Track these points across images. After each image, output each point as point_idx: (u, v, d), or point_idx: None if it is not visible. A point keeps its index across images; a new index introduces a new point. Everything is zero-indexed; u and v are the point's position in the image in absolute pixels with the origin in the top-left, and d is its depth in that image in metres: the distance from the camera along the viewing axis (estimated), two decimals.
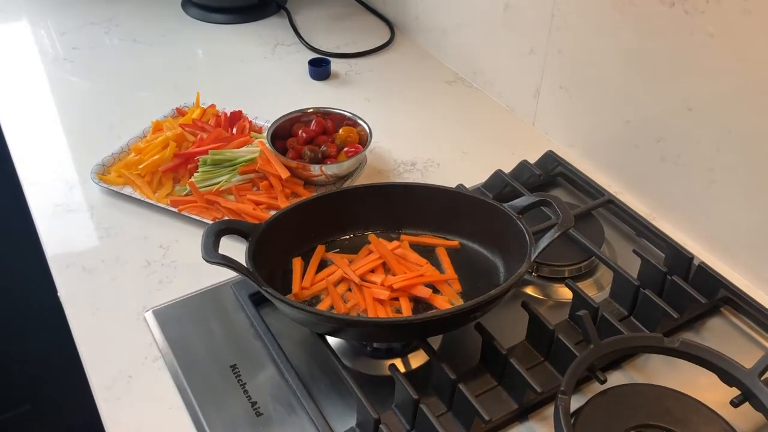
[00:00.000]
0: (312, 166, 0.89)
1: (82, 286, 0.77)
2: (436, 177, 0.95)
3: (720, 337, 0.72)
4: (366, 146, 0.93)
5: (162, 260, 0.81)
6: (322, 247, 0.73)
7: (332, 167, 0.90)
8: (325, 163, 0.91)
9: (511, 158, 0.94)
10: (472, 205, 0.74)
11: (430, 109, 1.11)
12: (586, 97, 0.94)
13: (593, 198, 0.88)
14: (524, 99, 1.05)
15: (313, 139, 0.95)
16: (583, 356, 0.62)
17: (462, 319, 0.64)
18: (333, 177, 0.92)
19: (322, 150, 0.92)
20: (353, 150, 0.93)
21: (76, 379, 0.69)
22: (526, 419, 0.65)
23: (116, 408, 0.65)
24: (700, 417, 0.61)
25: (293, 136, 0.96)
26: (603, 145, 0.94)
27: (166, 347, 0.70)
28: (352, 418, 0.63)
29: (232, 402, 0.65)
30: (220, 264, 0.62)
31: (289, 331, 0.71)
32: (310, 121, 0.96)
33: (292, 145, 0.94)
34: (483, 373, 0.67)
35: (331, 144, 0.93)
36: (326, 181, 0.92)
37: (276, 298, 0.61)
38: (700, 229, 0.83)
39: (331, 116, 0.98)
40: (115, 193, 0.89)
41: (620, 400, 0.62)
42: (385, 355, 0.69)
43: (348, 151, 0.93)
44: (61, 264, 0.80)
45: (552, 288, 0.78)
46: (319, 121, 0.96)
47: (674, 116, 0.81)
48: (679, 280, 0.72)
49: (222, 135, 0.95)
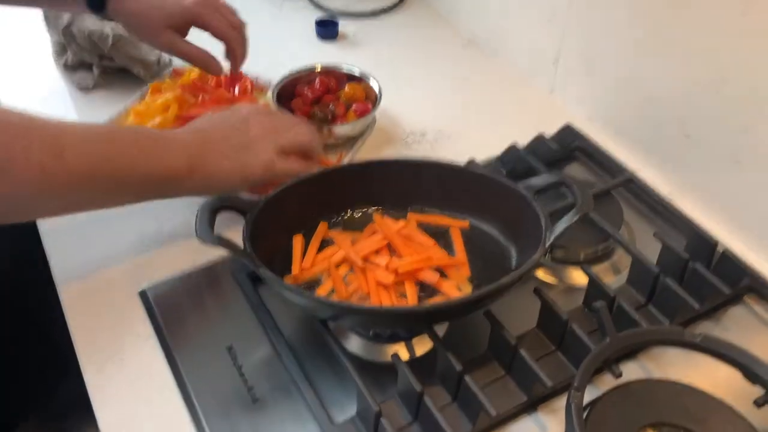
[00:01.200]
0: (323, 127, 0.85)
1: (75, 260, 0.74)
2: (446, 149, 0.91)
3: (742, 328, 0.69)
4: (376, 104, 0.88)
5: (157, 235, 0.77)
6: (324, 225, 0.70)
7: (344, 128, 0.86)
8: (334, 123, 0.87)
9: (526, 130, 0.89)
10: (485, 184, 0.70)
11: (442, 76, 1.06)
12: (609, 68, 0.88)
13: (612, 176, 0.84)
14: (542, 67, 1.00)
15: (319, 99, 0.91)
16: (598, 350, 0.58)
17: (470, 308, 0.60)
18: (343, 138, 0.88)
19: (331, 110, 0.88)
20: (361, 107, 0.89)
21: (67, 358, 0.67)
22: (534, 411, 0.62)
23: (107, 388, 0.63)
24: (720, 416, 0.58)
25: (297, 96, 0.92)
26: (624, 119, 0.89)
27: (160, 326, 0.67)
28: (352, 406, 0.60)
29: (227, 385, 0.63)
30: (216, 244, 0.59)
31: (289, 313, 0.68)
32: (313, 80, 0.92)
33: (298, 107, 0.90)
34: (490, 361, 0.64)
35: (338, 103, 0.89)
36: (335, 142, 0.88)
37: (274, 281, 0.58)
38: (724, 212, 0.78)
39: (334, 73, 0.93)
40: None
41: (635, 396, 0.59)
42: (389, 340, 0.66)
43: (356, 109, 0.89)
44: (53, 237, 0.77)
45: (565, 271, 0.74)
46: (323, 79, 0.92)
47: (702, 91, 0.76)
48: (701, 268, 0.68)
49: (224, 96, 0.91)
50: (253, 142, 0.70)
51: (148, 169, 0.64)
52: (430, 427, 0.57)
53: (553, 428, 0.60)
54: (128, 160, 0.63)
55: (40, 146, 0.57)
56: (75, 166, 0.59)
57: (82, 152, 0.60)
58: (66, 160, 0.59)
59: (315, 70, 0.94)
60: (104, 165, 0.61)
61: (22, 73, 1.05)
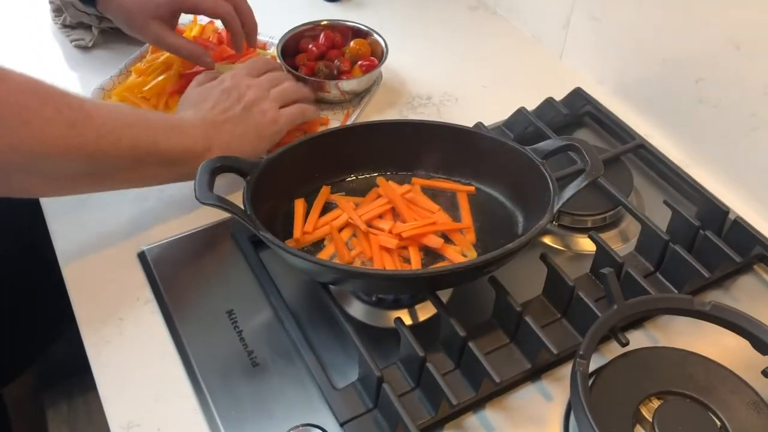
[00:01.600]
0: (327, 82, 0.83)
1: (72, 219, 0.73)
2: (453, 113, 0.89)
3: (752, 298, 0.67)
4: (383, 60, 0.87)
5: (158, 195, 0.76)
6: (326, 189, 0.68)
7: (351, 83, 0.85)
8: (340, 79, 0.85)
9: (535, 94, 0.87)
10: (492, 148, 0.68)
11: (449, 38, 1.03)
12: (621, 29, 0.86)
13: (623, 141, 0.82)
14: (552, 29, 0.97)
15: (323, 54, 0.89)
16: (605, 318, 0.57)
17: (475, 273, 0.59)
18: (349, 94, 0.86)
19: (337, 65, 0.86)
20: (368, 63, 0.87)
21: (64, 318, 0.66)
22: (539, 379, 0.61)
23: (105, 351, 0.62)
24: (726, 385, 0.57)
25: (302, 52, 0.90)
26: (636, 83, 0.86)
27: (160, 289, 0.66)
28: (354, 370, 0.59)
29: (227, 350, 0.62)
30: (215, 206, 0.57)
31: (290, 277, 0.67)
32: (318, 35, 0.90)
33: (303, 62, 0.88)
34: (495, 328, 0.62)
35: (343, 59, 0.88)
36: (341, 98, 0.86)
37: (275, 244, 0.56)
38: (738, 179, 0.76)
39: (339, 28, 0.91)
40: None
41: (641, 365, 0.58)
42: (392, 306, 0.65)
43: (362, 65, 0.87)
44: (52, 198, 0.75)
45: (573, 238, 0.73)
46: (328, 34, 0.90)
47: (718, 54, 0.74)
48: (712, 236, 0.66)
49: (227, 52, 0.89)
50: (253, 103, 0.73)
51: (169, 143, 0.65)
52: (432, 394, 0.56)
53: (558, 396, 0.59)
54: (149, 133, 0.64)
55: (69, 107, 0.59)
56: (101, 127, 0.60)
57: (106, 117, 0.61)
58: (94, 120, 0.60)
59: (320, 24, 0.91)
60: (127, 132, 0.62)
61: (20, 32, 1.02)
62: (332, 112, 0.87)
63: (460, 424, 0.57)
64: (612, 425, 0.53)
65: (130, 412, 0.58)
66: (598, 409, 0.52)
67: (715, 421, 0.54)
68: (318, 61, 0.87)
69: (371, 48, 0.90)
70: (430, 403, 0.56)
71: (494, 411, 0.58)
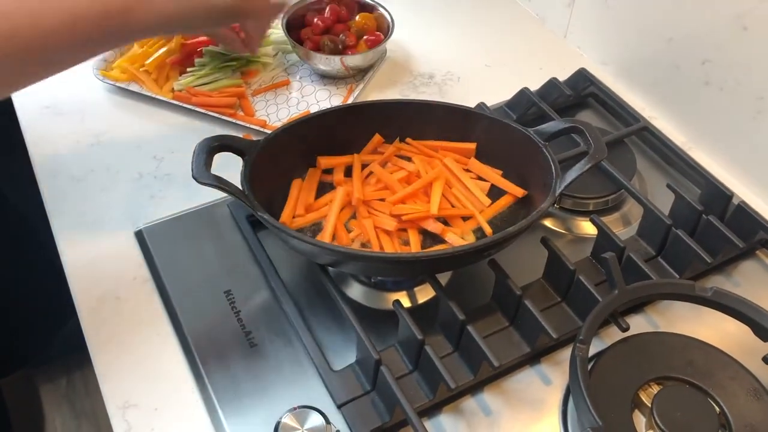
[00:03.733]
0: (332, 57, 0.82)
1: (70, 197, 0.72)
2: (455, 92, 0.88)
3: (754, 283, 0.67)
4: (389, 34, 0.86)
5: (155, 172, 0.75)
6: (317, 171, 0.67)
7: (355, 58, 0.84)
8: (345, 53, 0.84)
9: (538, 74, 0.86)
10: (493, 128, 0.67)
11: (452, 16, 1.01)
12: (626, 8, 0.84)
13: (626, 123, 0.81)
14: (556, 8, 0.96)
15: (329, 29, 0.88)
16: (605, 302, 0.57)
17: (475, 257, 0.58)
18: (354, 69, 0.85)
19: (342, 39, 0.85)
20: (373, 38, 0.86)
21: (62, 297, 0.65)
22: (538, 362, 0.60)
23: (102, 330, 0.62)
24: (726, 371, 0.56)
25: (307, 26, 0.89)
26: (641, 64, 0.85)
27: (157, 268, 0.66)
28: (352, 353, 0.59)
29: (225, 330, 0.61)
30: (212, 185, 0.56)
31: (288, 257, 0.66)
32: (323, 9, 0.89)
33: (308, 36, 0.87)
34: (494, 311, 0.62)
35: (348, 33, 0.86)
36: (346, 74, 0.85)
37: (273, 225, 0.56)
38: (743, 164, 0.75)
39: (345, 2, 0.91)
40: (106, 97, 0.83)
41: (641, 350, 0.58)
42: (391, 287, 0.64)
43: (368, 39, 0.86)
44: (47, 172, 0.75)
45: (574, 221, 0.72)
46: (333, 8, 0.89)
47: (725, 35, 0.72)
48: (715, 221, 0.66)
49: None
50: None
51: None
52: (430, 376, 0.56)
53: (557, 380, 0.59)
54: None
55: None
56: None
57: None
58: None
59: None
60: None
61: None
62: (335, 87, 0.85)
63: (458, 407, 0.57)
64: (610, 410, 0.53)
65: (127, 392, 0.57)
66: (597, 394, 0.52)
67: (715, 407, 0.54)
68: (323, 36, 0.85)
69: (377, 22, 0.89)
70: (428, 385, 0.56)
71: (492, 394, 0.58)
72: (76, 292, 0.64)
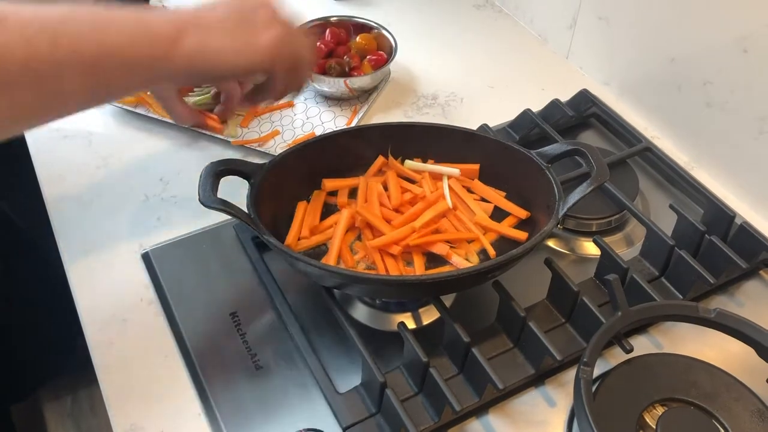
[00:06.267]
0: (338, 80, 0.84)
1: (77, 220, 0.73)
2: (458, 113, 0.88)
3: (758, 304, 0.67)
4: (392, 56, 0.87)
5: (162, 194, 0.76)
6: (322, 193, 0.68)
7: (361, 80, 0.85)
8: (351, 75, 0.85)
9: (541, 95, 0.87)
10: (496, 150, 0.68)
11: (455, 37, 1.02)
12: (627, 30, 0.85)
13: (628, 144, 0.81)
14: (558, 29, 0.97)
15: (332, 52, 0.88)
16: (609, 324, 0.57)
17: (479, 279, 0.59)
18: (358, 91, 0.86)
19: (347, 62, 0.86)
20: (376, 58, 0.87)
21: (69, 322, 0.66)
22: (542, 384, 0.60)
23: (108, 353, 0.62)
24: (730, 393, 0.56)
25: None
26: (642, 84, 0.86)
27: (163, 290, 0.66)
28: (357, 374, 0.59)
29: (231, 352, 0.62)
30: (219, 209, 0.57)
31: (293, 279, 0.67)
32: (323, 33, 0.90)
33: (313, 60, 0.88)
34: (498, 333, 0.62)
35: (351, 54, 0.88)
36: (351, 95, 0.86)
37: (279, 248, 0.56)
38: (745, 184, 0.76)
39: (343, 24, 0.92)
40: (113, 120, 0.84)
41: (645, 371, 0.58)
42: (395, 309, 0.65)
43: (371, 59, 0.87)
44: (55, 195, 0.75)
45: (577, 242, 0.72)
46: (334, 31, 0.90)
47: (726, 57, 0.73)
48: (717, 241, 0.66)
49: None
50: (260, 20, 0.57)
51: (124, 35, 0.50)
52: (435, 399, 0.56)
53: (561, 402, 0.59)
54: (96, 26, 0.49)
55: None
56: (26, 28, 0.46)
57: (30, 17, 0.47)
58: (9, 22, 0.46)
59: (323, 21, 0.91)
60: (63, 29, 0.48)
61: None
62: (340, 109, 0.86)
63: (463, 430, 0.57)
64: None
65: (134, 414, 0.58)
66: (602, 416, 0.52)
67: (719, 429, 0.54)
68: (329, 59, 0.86)
69: (377, 42, 0.90)
70: (433, 408, 0.56)
71: (497, 417, 0.58)
72: (83, 314, 0.65)
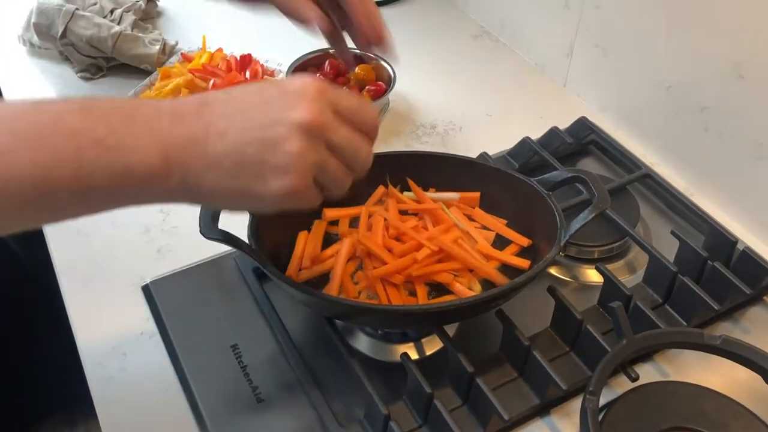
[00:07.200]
0: None
1: (76, 252, 0.73)
2: (457, 142, 0.89)
3: (763, 329, 0.66)
4: (391, 86, 0.87)
5: (162, 226, 0.76)
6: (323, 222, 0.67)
7: None
8: None
9: (539, 123, 0.87)
10: (497, 178, 0.68)
11: (452, 66, 1.03)
12: (624, 57, 0.86)
13: (628, 170, 0.81)
14: (556, 57, 0.97)
15: (331, 83, 0.89)
16: (614, 353, 0.56)
17: (482, 308, 0.58)
18: None
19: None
20: (375, 89, 0.87)
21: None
22: (547, 414, 0.60)
23: (108, 387, 0.61)
24: (739, 421, 0.56)
25: None
26: (640, 111, 0.86)
27: (164, 323, 0.66)
28: (360, 407, 0.58)
29: (232, 385, 0.61)
30: (219, 240, 0.57)
31: (294, 310, 0.66)
32: (322, 64, 0.90)
33: None
34: (503, 362, 0.62)
35: (352, 86, 0.88)
36: None
37: (280, 279, 0.56)
38: (745, 209, 0.76)
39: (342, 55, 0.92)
40: None
41: (652, 399, 0.57)
42: (398, 340, 0.64)
43: (370, 90, 0.88)
44: (55, 227, 0.75)
45: (579, 269, 0.72)
46: (333, 62, 0.91)
47: (722, 83, 0.74)
48: (720, 267, 0.66)
49: (236, 79, 0.89)
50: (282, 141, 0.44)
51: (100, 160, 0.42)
52: (440, 431, 0.55)
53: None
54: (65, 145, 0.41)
55: None
56: None
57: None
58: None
59: (323, 52, 0.92)
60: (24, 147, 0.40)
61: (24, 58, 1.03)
62: None
63: None
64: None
65: None
66: None
67: None
68: None
69: (375, 73, 0.90)
70: None
71: None
72: (82, 348, 0.64)
